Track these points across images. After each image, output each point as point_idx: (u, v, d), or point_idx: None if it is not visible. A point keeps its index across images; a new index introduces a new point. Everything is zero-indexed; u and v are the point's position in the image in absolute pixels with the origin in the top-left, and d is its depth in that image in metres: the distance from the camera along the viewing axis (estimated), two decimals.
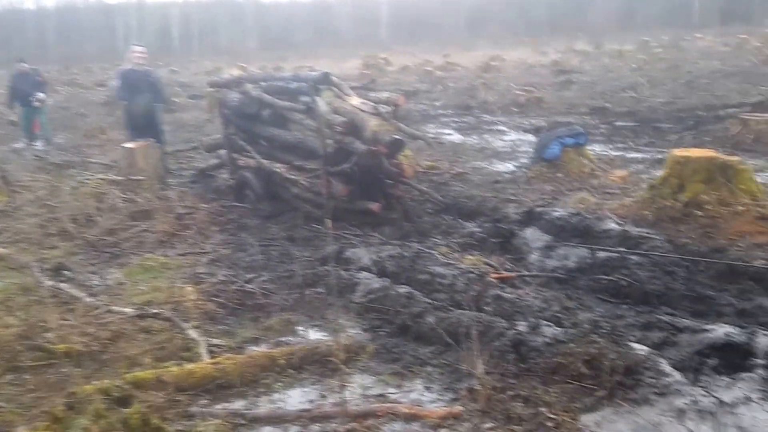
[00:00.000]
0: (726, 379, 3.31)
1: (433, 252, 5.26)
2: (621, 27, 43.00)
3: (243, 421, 3.24)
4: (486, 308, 4.21)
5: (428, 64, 28.03)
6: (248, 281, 5.05)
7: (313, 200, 6.68)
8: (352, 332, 4.17)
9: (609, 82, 17.71)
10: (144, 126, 8.73)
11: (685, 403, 3.09)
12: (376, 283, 4.70)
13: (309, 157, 6.77)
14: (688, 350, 3.57)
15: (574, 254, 5.11)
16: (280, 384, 3.61)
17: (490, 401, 3.20)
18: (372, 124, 6.12)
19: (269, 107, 7.23)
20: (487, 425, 3.05)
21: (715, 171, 6.10)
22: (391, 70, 27.41)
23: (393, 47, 41.11)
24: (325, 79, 6.55)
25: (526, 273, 4.93)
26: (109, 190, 7.49)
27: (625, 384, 3.25)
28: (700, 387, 3.23)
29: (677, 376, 3.30)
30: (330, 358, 3.68)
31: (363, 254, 5.34)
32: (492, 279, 4.68)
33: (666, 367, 3.36)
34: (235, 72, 20.25)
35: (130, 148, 8.22)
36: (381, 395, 3.45)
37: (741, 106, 12.16)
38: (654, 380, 3.26)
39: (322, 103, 6.40)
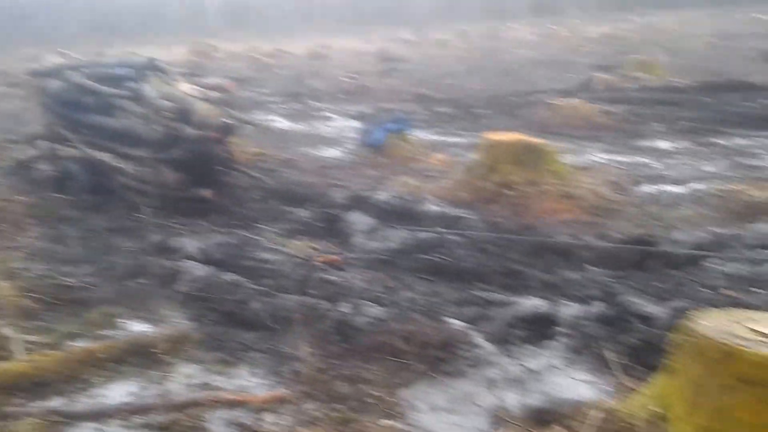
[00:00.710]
0: (533, 348, 3.56)
1: (260, 238, 5.23)
2: (442, 17, 44.73)
3: (61, 419, 3.08)
4: (311, 291, 4.26)
5: (256, 50, 27.56)
6: (66, 275, 4.77)
7: (141, 189, 6.37)
8: (176, 322, 4.07)
9: (431, 70, 18.38)
10: None
11: (496, 373, 3.30)
12: (201, 271, 4.60)
13: (137, 144, 6.45)
14: (499, 323, 3.80)
15: (396, 236, 5.28)
16: (100, 379, 3.46)
17: (314, 382, 3.26)
18: (201, 108, 5.98)
19: (93, 94, 6.76)
20: (311, 406, 3.10)
21: (523, 153, 6.54)
22: (220, 57, 26.68)
23: (221, 33, 40.02)
24: (152, 65, 6.31)
25: (350, 255, 5.03)
26: None
27: (441, 358, 3.42)
28: (510, 357, 3.45)
29: (489, 347, 3.51)
30: (153, 350, 3.57)
31: (188, 242, 5.20)
32: (317, 263, 4.74)
33: (479, 339, 3.57)
34: (56, 59, 18.66)
35: None
36: (205, 384, 3.40)
37: (549, 92, 13.15)
38: (467, 353, 3.46)
39: (149, 89, 6.14)
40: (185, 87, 6.25)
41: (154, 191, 6.13)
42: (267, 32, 39.05)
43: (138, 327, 4.08)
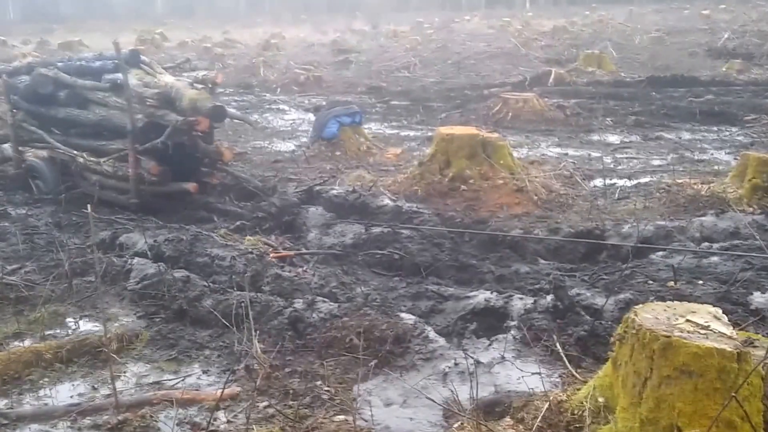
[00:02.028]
0: (485, 341, 3.61)
1: (212, 234, 5.17)
2: (396, 8, 44.77)
3: (5, 421, 3.00)
4: (265, 288, 4.24)
5: (207, 40, 27.22)
6: (9, 273, 4.64)
7: (116, 186, 6.18)
8: (126, 320, 4.01)
9: (385, 62, 18.42)
10: None
11: (448, 366, 3.33)
12: (152, 268, 4.53)
13: (114, 136, 6.22)
14: (452, 316, 3.86)
15: (350, 231, 5.29)
16: (46, 379, 3.40)
17: (267, 379, 3.25)
18: (189, 93, 5.81)
19: (67, 87, 6.45)
20: (264, 403, 3.09)
21: (477, 147, 6.60)
22: (168, 46, 26.25)
23: (169, 21, 39.33)
24: (135, 59, 6.12)
25: (305, 251, 5.02)
26: None
27: (395, 352, 3.44)
28: (462, 350, 3.49)
29: (442, 341, 3.55)
30: (101, 349, 3.50)
31: (138, 239, 5.12)
32: (271, 258, 4.72)
33: (432, 333, 3.60)
34: (25, 57, 17.97)
35: None
36: (156, 383, 3.36)
37: (502, 86, 13.31)
38: (421, 347, 3.48)
39: (132, 80, 5.93)
40: (169, 78, 6.06)
41: (132, 186, 5.97)
42: (218, 21, 38.53)
43: (86, 326, 4.01)
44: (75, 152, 6.47)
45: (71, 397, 3.25)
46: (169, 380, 3.39)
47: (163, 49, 24.87)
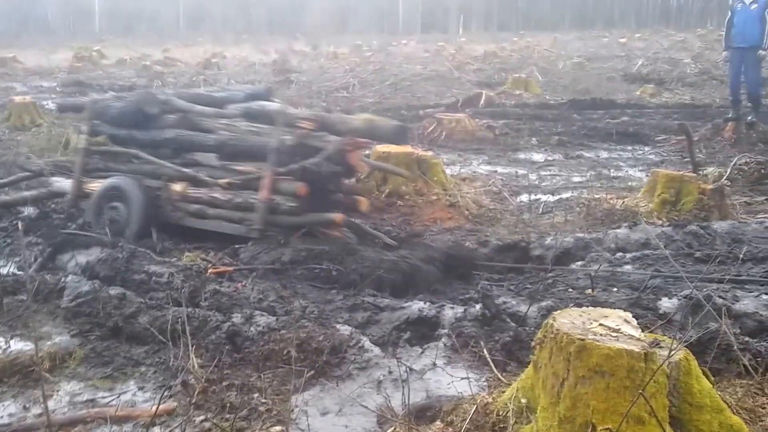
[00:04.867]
0: (418, 349, 3.74)
1: (149, 251, 5.16)
2: (336, 30, 45.12)
3: None
4: (203, 303, 4.27)
5: (146, 58, 26.86)
6: None
7: (222, 215, 5.55)
8: (59, 339, 3.96)
9: (325, 82, 18.56)
10: None
11: (383, 375, 3.45)
12: (86, 286, 4.50)
13: (239, 158, 5.59)
14: (388, 327, 3.97)
15: (289, 246, 5.34)
16: None
17: (204, 393, 3.29)
18: (360, 117, 5.48)
19: (180, 112, 5.93)
20: (201, 417, 3.13)
21: (412, 164, 6.83)
22: (106, 64, 25.77)
23: (107, 39, 38.60)
24: (269, 93, 6.05)
25: (243, 267, 5.06)
26: None
27: (331, 363, 3.53)
28: (396, 358, 3.59)
29: (377, 350, 3.66)
30: (33, 368, 3.47)
31: (74, 257, 5.08)
32: (210, 274, 4.75)
33: (367, 343, 3.71)
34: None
35: None
36: (91, 401, 3.35)
37: (437, 107, 13.64)
38: (356, 356, 3.59)
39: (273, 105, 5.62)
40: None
41: (260, 211, 5.31)
42: (158, 39, 38.04)
43: (17, 345, 3.92)
44: (186, 171, 5.74)
45: (1, 417, 3.20)
46: (104, 398, 3.38)
47: (100, 66, 24.41)
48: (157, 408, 3.07)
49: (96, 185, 6.05)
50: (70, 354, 3.77)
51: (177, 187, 5.69)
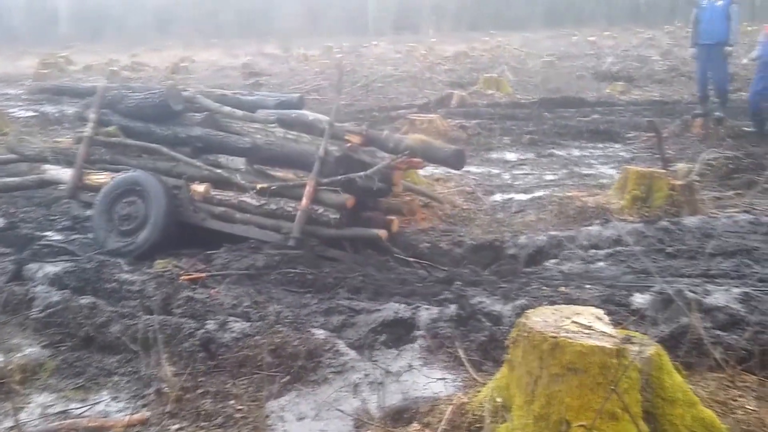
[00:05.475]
0: (394, 351, 3.73)
1: (119, 260, 5.10)
2: (307, 32, 44.95)
3: None
4: (176, 311, 4.22)
5: (114, 63, 26.54)
6: None
7: (254, 221, 5.37)
8: (30, 350, 3.90)
9: (296, 85, 18.49)
10: None
11: (359, 378, 3.44)
12: (56, 296, 4.43)
13: (273, 163, 5.48)
14: (364, 329, 3.94)
15: (264, 251, 5.31)
16: None
17: (179, 402, 3.26)
18: (413, 137, 5.41)
19: (207, 111, 5.86)
20: (176, 426, 3.10)
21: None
22: (73, 70, 25.41)
23: (74, 44, 38.06)
24: (301, 103, 5.92)
25: (216, 272, 5.01)
26: None
27: (307, 367, 3.51)
28: (372, 361, 3.60)
29: (353, 354, 3.65)
30: (3, 381, 3.42)
31: (42, 268, 4.99)
32: (183, 281, 4.70)
33: (343, 347, 3.69)
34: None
35: None
36: (63, 412, 3.31)
37: (409, 108, 13.66)
38: (332, 360, 3.57)
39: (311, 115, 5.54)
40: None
41: (299, 220, 5.11)
42: (125, 44, 37.61)
43: None
44: (218, 172, 5.50)
45: None
46: (77, 409, 3.34)
47: (68, 73, 24.05)
48: (130, 418, 3.03)
49: (100, 177, 5.81)
50: (41, 365, 3.71)
51: (200, 188, 5.48)
